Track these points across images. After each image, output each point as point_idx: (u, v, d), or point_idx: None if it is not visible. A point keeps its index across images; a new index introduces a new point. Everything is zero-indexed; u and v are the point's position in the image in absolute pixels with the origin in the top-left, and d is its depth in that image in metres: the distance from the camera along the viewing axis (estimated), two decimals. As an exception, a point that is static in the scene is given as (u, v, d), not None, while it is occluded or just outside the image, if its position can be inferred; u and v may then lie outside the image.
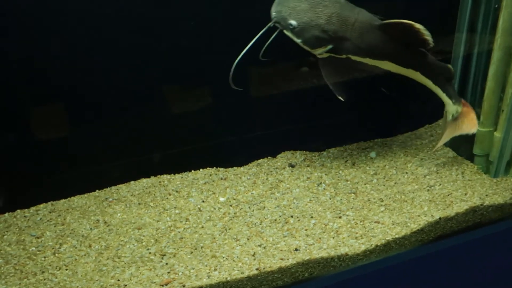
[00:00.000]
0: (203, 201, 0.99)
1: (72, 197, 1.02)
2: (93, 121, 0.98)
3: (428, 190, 1.00)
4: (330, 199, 0.99)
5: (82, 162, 1.01)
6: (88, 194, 1.03)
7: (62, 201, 1.01)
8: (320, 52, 0.89)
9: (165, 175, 1.08)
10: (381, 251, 0.86)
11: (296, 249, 0.84)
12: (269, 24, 0.86)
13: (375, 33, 0.88)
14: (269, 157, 1.14)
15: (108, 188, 1.04)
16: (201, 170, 1.10)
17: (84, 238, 0.89)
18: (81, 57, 0.91)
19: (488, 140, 1.04)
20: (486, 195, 0.96)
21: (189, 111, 1.02)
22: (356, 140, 1.18)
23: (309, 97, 1.10)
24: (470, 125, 0.99)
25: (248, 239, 0.87)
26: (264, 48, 0.87)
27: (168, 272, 0.80)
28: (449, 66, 0.99)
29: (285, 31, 0.87)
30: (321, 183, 1.04)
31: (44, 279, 0.80)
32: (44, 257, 0.85)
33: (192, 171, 1.09)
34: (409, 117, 1.23)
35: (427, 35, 0.87)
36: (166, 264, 0.82)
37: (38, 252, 0.86)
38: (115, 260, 0.83)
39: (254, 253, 0.84)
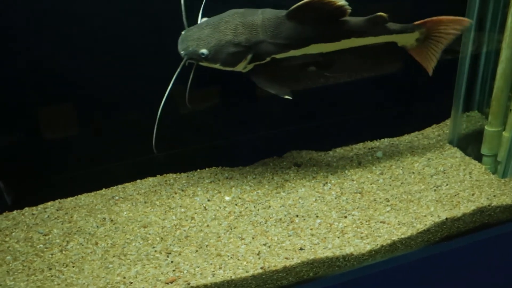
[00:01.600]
0: (208, 200, 1.01)
1: (79, 195, 1.05)
2: (100, 120, 1.00)
3: (435, 190, 1.01)
4: (335, 198, 1.00)
5: (89, 161, 1.03)
6: (95, 192, 1.05)
7: (69, 199, 1.04)
8: (244, 66, 0.88)
9: (171, 174, 1.10)
10: (387, 251, 0.87)
11: (301, 249, 0.86)
12: (182, 63, 0.85)
13: (286, 24, 0.86)
14: (274, 157, 1.15)
15: (115, 187, 1.07)
16: (207, 169, 1.12)
17: (90, 235, 0.92)
18: (86, 57, 0.93)
19: (496, 140, 1.05)
20: (494, 196, 0.97)
21: (195, 110, 1.04)
22: (363, 139, 1.20)
23: (315, 96, 1.12)
24: (451, 25, 0.94)
25: (253, 238, 0.89)
26: (187, 92, 0.87)
27: (173, 270, 0.82)
28: (378, 14, 0.92)
29: (201, 64, 0.86)
30: (326, 182, 1.06)
31: (51, 276, 0.83)
32: (52, 254, 0.88)
33: (198, 170, 1.12)
34: (416, 116, 1.24)
35: (339, 2, 0.83)
36: (172, 262, 0.84)
37: (45, 249, 0.89)
38: (121, 257, 0.86)
39: (259, 252, 0.85)
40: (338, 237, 0.88)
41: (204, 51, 0.83)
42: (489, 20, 1.07)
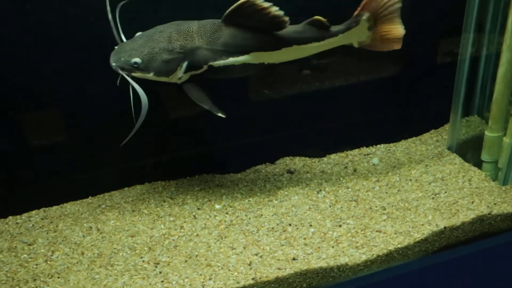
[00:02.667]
0: (198, 209, 1.01)
1: (65, 204, 1.04)
2: (86, 127, 1.00)
3: (433, 198, 1.00)
4: (330, 206, 0.99)
5: (75, 168, 1.03)
6: (81, 200, 1.05)
7: (55, 207, 1.03)
8: (180, 76, 0.86)
9: (159, 182, 1.10)
10: (383, 261, 0.86)
11: (294, 259, 0.85)
12: (120, 78, 0.83)
13: (223, 30, 0.85)
14: (267, 163, 1.15)
15: (101, 195, 1.06)
16: (196, 176, 1.11)
17: (76, 245, 0.91)
18: (78, 64, 0.93)
19: (497, 146, 1.04)
20: (495, 204, 0.96)
21: (185, 115, 1.04)
22: (358, 145, 1.19)
23: (308, 101, 1.11)
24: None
25: (244, 247, 0.89)
26: (133, 108, 0.82)
27: (162, 281, 0.81)
28: (315, 17, 0.89)
29: (134, 75, 0.83)
30: (320, 190, 1.05)
31: (36, 287, 0.82)
32: (36, 265, 0.87)
33: (188, 177, 1.11)
34: (414, 121, 1.23)
35: (275, 11, 0.81)
36: (160, 272, 0.83)
37: (30, 260, 0.88)
38: (108, 268, 0.85)
39: (251, 262, 0.85)
40: (333, 247, 0.88)
41: (136, 60, 0.82)
42: (489, 21, 1.07)
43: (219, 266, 0.84)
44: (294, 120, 1.13)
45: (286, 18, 0.83)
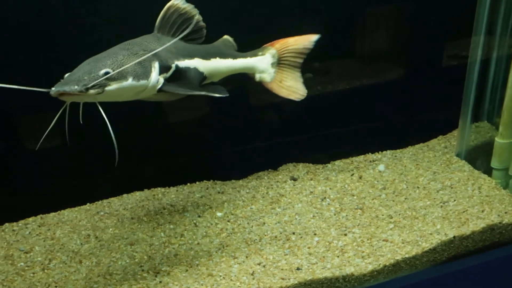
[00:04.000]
0: (199, 216, 1.01)
1: (62, 211, 1.04)
2: (84, 132, 1.00)
3: (441, 206, 0.99)
4: (334, 215, 0.99)
5: (73, 174, 1.03)
6: (79, 207, 1.05)
7: (52, 214, 1.04)
8: (156, 79, 0.79)
9: (159, 188, 1.10)
10: (390, 271, 0.86)
11: (298, 268, 0.85)
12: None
13: (164, 39, 0.82)
14: (269, 170, 1.15)
15: (100, 202, 1.07)
16: (197, 183, 1.12)
17: (74, 253, 0.91)
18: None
19: (507, 153, 1.04)
20: (505, 212, 0.95)
21: (185, 120, 1.04)
22: (363, 151, 1.19)
23: (313, 105, 1.11)
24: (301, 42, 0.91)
25: (246, 257, 0.88)
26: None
27: (161, 291, 0.81)
28: (225, 37, 0.92)
29: (109, 88, 0.72)
30: (325, 197, 1.05)
31: (32, 297, 0.82)
32: (33, 273, 0.87)
33: (188, 184, 1.11)
34: (421, 127, 1.23)
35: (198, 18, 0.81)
36: (160, 282, 0.83)
37: (26, 268, 0.88)
38: (107, 277, 0.85)
39: (253, 272, 0.84)
40: (338, 256, 0.87)
41: (106, 70, 0.72)
42: (499, 24, 1.07)
43: (220, 276, 0.84)
44: (297, 125, 1.14)
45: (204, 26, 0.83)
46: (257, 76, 0.95)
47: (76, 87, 0.70)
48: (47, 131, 0.77)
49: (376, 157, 1.20)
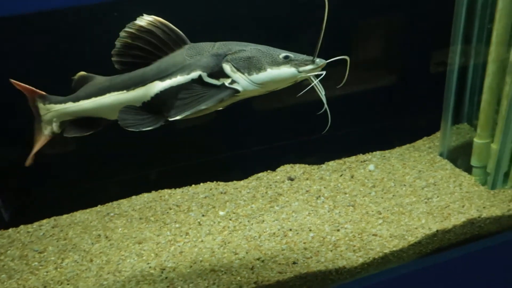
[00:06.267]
0: (203, 215, 1.02)
1: (75, 212, 1.05)
2: (95, 137, 1.01)
3: (426, 202, 1.02)
4: (328, 212, 1.01)
5: (84, 177, 1.04)
6: (90, 209, 1.06)
7: (65, 216, 1.05)
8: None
9: (166, 190, 1.11)
10: (379, 264, 0.88)
11: (294, 263, 0.86)
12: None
13: None
14: (268, 171, 1.17)
15: (110, 203, 1.08)
16: (201, 184, 1.13)
17: (85, 252, 0.92)
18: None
19: (485, 152, 1.07)
20: (484, 207, 0.98)
21: (190, 126, 1.05)
22: (355, 153, 1.21)
23: (307, 110, 1.13)
24: None
25: (247, 252, 0.90)
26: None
27: (168, 286, 0.82)
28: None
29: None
30: (320, 196, 1.07)
31: (46, 294, 0.83)
32: (46, 272, 0.88)
33: (193, 185, 1.13)
34: (408, 129, 1.25)
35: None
36: (166, 278, 0.84)
37: (40, 267, 0.89)
38: (116, 274, 0.86)
39: (253, 266, 0.86)
40: (331, 251, 0.89)
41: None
42: (475, 35, 1.09)
43: (222, 271, 0.85)
44: (294, 129, 1.15)
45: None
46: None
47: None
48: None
49: (366, 157, 1.22)
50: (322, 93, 0.70)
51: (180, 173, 1.10)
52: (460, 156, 1.14)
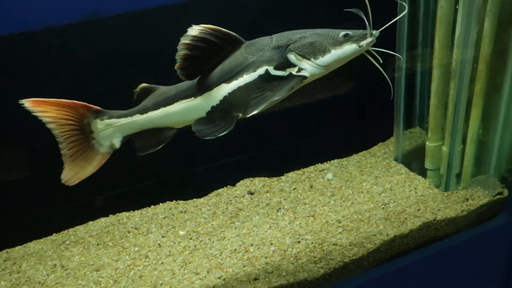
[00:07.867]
0: (162, 236, 0.97)
1: (28, 243, 0.98)
2: (48, 162, 0.96)
3: (383, 208, 1.00)
4: (289, 224, 0.98)
5: (37, 204, 0.97)
6: (45, 238, 1.00)
7: (18, 247, 0.97)
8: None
9: (124, 213, 1.06)
10: (340, 273, 0.85)
11: (255, 279, 0.82)
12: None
13: None
14: (228, 186, 1.13)
15: (66, 231, 1.01)
16: (160, 204, 1.08)
17: (40, 285, 0.86)
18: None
19: (437, 154, 1.06)
20: (439, 210, 0.97)
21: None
22: (314, 162, 1.19)
23: (264, 122, 1.11)
24: None
25: (208, 272, 0.86)
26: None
27: (126, 314, 0.78)
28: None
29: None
30: (280, 208, 1.04)
31: (-2, 333, 0.76)
32: (-1, 309, 0.81)
33: (152, 206, 1.08)
34: (363, 136, 1.24)
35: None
36: (125, 305, 0.79)
37: (-8, 304, 0.83)
38: (73, 305, 0.81)
39: (214, 286, 0.82)
40: (292, 263, 0.86)
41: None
42: (420, 41, 1.09)
43: (183, 293, 0.81)
44: (252, 142, 1.12)
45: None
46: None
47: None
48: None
49: (325, 166, 1.20)
50: (380, 62, 0.71)
51: (139, 194, 1.05)
52: (414, 160, 1.14)
